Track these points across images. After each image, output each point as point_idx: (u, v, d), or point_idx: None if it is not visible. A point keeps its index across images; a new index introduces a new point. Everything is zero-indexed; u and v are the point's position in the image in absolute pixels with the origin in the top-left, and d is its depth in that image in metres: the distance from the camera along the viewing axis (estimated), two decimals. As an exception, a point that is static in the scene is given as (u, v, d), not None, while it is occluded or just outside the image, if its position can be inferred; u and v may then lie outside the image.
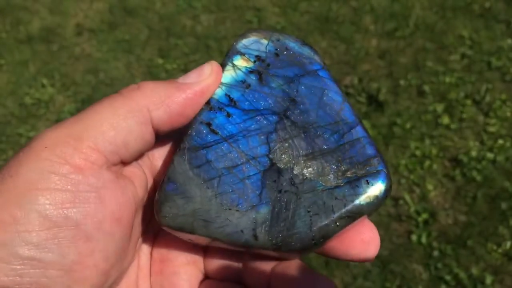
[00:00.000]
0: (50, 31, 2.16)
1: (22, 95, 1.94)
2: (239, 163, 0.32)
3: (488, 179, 1.49)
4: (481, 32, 1.89)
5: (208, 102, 0.33)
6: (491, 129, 1.61)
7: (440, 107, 1.68)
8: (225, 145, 0.32)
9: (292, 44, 0.35)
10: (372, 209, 0.32)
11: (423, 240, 1.40)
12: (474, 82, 1.74)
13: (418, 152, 1.58)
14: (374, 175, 0.32)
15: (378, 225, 1.43)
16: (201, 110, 0.33)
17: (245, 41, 0.34)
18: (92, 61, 2.03)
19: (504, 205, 1.43)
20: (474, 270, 1.34)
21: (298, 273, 0.33)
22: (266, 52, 0.34)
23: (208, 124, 0.32)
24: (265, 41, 0.34)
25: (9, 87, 1.98)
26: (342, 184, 0.31)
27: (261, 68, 0.34)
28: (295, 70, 0.34)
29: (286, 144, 0.32)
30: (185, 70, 1.93)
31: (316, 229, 0.31)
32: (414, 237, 1.41)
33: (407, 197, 1.48)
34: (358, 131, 0.33)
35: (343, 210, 0.31)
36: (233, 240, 0.31)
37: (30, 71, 2.02)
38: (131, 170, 0.32)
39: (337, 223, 0.31)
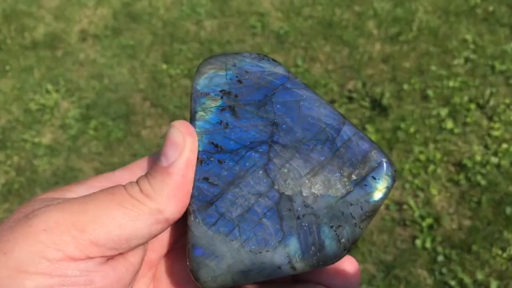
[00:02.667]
0: (54, 37, 2.17)
1: (27, 101, 1.95)
2: (249, 205, 0.32)
3: (492, 184, 1.49)
4: (484, 36, 1.89)
5: (197, 157, 0.32)
6: (495, 133, 1.61)
7: (444, 112, 1.68)
8: (229, 193, 0.32)
9: (250, 65, 0.34)
10: (385, 199, 0.33)
11: (428, 245, 1.40)
12: (478, 86, 1.74)
13: (422, 157, 1.58)
14: (377, 169, 0.32)
15: (382, 230, 1.43)
16: None
17: (203, 80, 0.34)
18: (97, 66, 2.04)
19: (509, 210, 1.43)
20: (479, 275, 1.33)
21: None
22: (228, 83, 0.33)
23: (206, 179, 0.32)
24: (223, 72, 0.34)
25: (14, 93, 1.99)
26: (351, 189, 0.32)
27: (231, 102, 0.33)
28: (263, 91, 0.33)
29: (286, 170, 0.32)
30: (189, 75, 1.94)
31: (344, 241, 0.31)
32: (418, 242, 1.40)
33: (411, 202, 1.48)
34: (346, 131, 0.33)
35: (361, 212, 0.32)
36: (275, 276, 0.32)
37: (35, 77, 2.03)
38: None
39: (361, 226, 0.32)
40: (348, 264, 0.34)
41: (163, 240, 0.35)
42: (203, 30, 2.11)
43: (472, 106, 1.68)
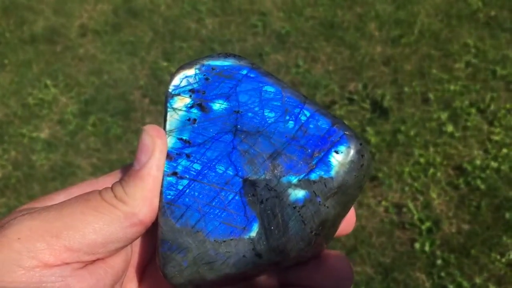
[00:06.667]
0: (54, 31, 2.16)
1: (25, 95, 1.94)
2: (215, 195, 0.32)
3: (492, 188, 1.49)
4: (486, 41, 1.89)
5: (166, 154, 0.33)
6: (496, 138, 1.61)
7: (444, 115, 1.68)
8: (196, 184, 0.32)
9: (216, 62, 0.35)
10: (358, 176, 0.31)
11: (427, 248, 1.39)
12: (479, 91, 1.74)
13: (422, 160, 1.57)
14: (339, 142, 0.31)
15: (381, 232, 1.43)
16: None
17: (174, 82, 0.34)
18: (96, 62, 2.02)
19: (508, 215, 1.43)
20: (478, 280, 1.33)
21: None
22: (196, 82, 0.34)
23: (174, 173, 0.32)
24: (192, 72, 0.34)
25: (12, 87, 1.97)
26: (314, 167, 0.31)
27: (198, 99, 0.34)
28: (228, 84, 0.34)
29: (249, 156, 0.32)
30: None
31: (309, 221, 0.31)
32: (417, 245, 1.40)
33: (411, 205, 1.48)
34: (308, 109, 0.32)
35: (326, 189, 0.31)
36: (241, 268, 0.31)
37: (33, 71, 2.02)
38: None
39: (326, 205, 0.31)
40: (338, 261, 0.33)
41: (149, 244, 0.35)
42: (204, 28, 2.10)
43: (473, 110, 1.68)
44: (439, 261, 1.37)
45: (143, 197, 0.30)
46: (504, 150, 1.57)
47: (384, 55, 1.90)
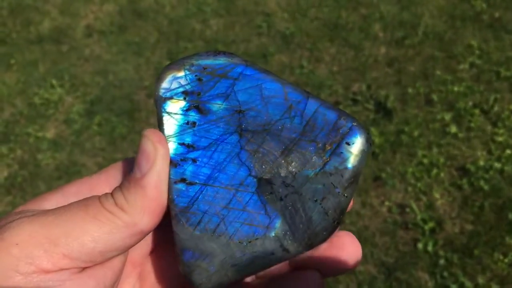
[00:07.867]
0: (60, 32, 2.18)
1: (31, 95, 1.95)
2: (231, 197, 0.31)
3: (495, 189, 1.49)
4: (490, 42, 1.89)
5: (170, 161, 0.32)
6: (499, 139, 1.61)
7: (448, 116, 1.68)
8: (209, 189, 0.31)
9: (207, 61, 0.34)
10: (365, 162, 0.32)
11: (429, 248, 1.40)
12: (483, 92, 1.74)
13: (425, 160, 1.58)
14: (349, 134, 0.32)
15: (384, 232, 1.44)
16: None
17: (164, 85, 0.33)
18: (102, 62, 2.04)
19: (511, 216, 1.43)
20: (480, 280, 1.33)
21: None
22: (189, 83, 0.33)
23: (183, 180, 0.32)
24: (181, 73, 0.33)
25: (18, 87, 1.99)
26: (328, 159, 0.32)
27: (194, 101, 0.33)
28: (224, 83, 0.33)
29: (260, 155, 0.32)
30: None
31: (331, 212, 0.31)
32: (420, 245, 1.41)
33: (414, 205, 1.48)
34: (312, 104, 0.33)
35: (343, 180, 0.31)
36: (270, 264, 0.32)
37: (39, 71, 2.03)
38: None
39: (345, 194, 0.32)
40: (347, 240, 0.34)
41: (148, 239, 0.35)
42: (208, 28, 2.12)
43: (476, 111, 1.69)
44: (442, 261, 1.38)
45: (144, 206, 0.30)
46: (508, 151, 1.57)
47: (388, 56, 1.91)
